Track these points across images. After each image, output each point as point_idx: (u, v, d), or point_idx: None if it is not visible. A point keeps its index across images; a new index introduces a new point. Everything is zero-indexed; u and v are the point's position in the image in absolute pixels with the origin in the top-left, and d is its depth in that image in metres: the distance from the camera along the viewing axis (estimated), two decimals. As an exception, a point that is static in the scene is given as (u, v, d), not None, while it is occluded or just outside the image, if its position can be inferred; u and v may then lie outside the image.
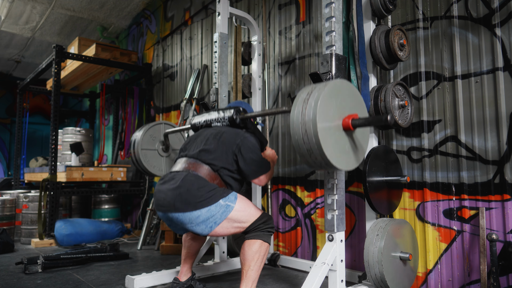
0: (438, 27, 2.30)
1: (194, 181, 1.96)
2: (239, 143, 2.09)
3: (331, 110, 1.61)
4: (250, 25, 3.27)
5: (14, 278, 2.78)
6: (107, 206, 5.10)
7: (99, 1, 5.43)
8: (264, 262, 2.02)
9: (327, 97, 1.58)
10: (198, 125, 2.39)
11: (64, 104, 9.13)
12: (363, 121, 1.64)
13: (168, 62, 5.07)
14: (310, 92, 1.61)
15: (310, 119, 1.54)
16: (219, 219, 1.94)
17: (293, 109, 1.62)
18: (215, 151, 2.08)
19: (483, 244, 1.99)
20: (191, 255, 2.35)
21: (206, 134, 2.21)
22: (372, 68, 2.28)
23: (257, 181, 2.15)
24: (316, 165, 1.62)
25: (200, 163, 2.06)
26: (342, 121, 1.66)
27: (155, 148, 2.79)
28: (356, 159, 1.74)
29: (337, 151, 1.62)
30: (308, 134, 1.55)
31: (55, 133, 4.40)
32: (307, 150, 1.58)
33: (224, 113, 2.26)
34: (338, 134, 1.64)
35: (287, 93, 3.26)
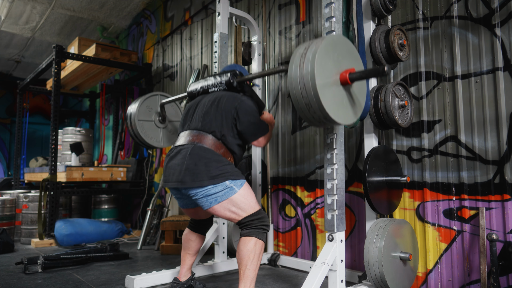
0: (438, 27, 2.30)
1: (201, 155, 1.99)
2: (237, 106, 2.10)
3: (329, 64, 1.61)
4: (250, 25, 3.27)
5: (14, 278, 2.78)
6: (107, 206, 5.10)
7: (99, 1, 5.43)
8: (261, 260, 2.01)
9: (324, 51, 1.58)
10: (195, 92, 2.37)
11: (64, 104, 9.14)
12: (360, 74, 1.65)
13: (168, 62, 5.07)
14: (307, 46, 1.61)
15: (308, 73, 1.54)
16: (221, 198, 1.97)
17: (291, 64, 1.62)
18: (215, 118, 2.09)
19: (483, 244, 1.99)
20: (191, 255, 2.35)
21: (204, 102, 2.21)
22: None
23: (256, 143, 2.18)
24: (315, 120, 1.64)
25: (204, 133, 2.08)
26: (339, 75, 1.66)
27: (152, 119, 2.76)
28: (354, 114, 1.75)
29: (336, 105, 1.63)
30: (307, 88, 1.55)
31: (55, 133, 4.40)
32: (306, 104, 1.59)
33: (220, 77, 2.24)
34: (336, 88, 1.65)
35: (287, 93, 3.26)
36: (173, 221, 3.59)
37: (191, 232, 2.36)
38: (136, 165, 5.28)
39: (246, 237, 1.98)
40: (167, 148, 4.86)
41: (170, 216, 4.00)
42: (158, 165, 5.02)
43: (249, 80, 2.23)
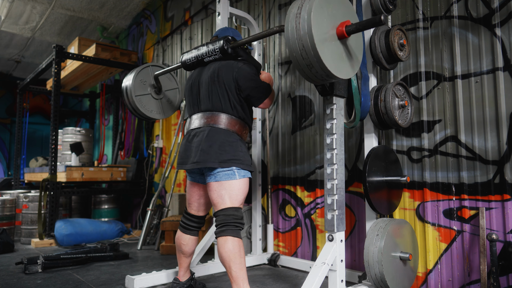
0: (438, 27, 2.30)
1: (216, 138, 2.07)
2: (235, 75, 2.12)
3: (324, 20, 1.60)
4: (250, 25, 3.27)
5: (14, 278, 2.78)
6: (107, 206, 5.10)
7: (99, 1, 5.43)
8: (244, 256, 1.98)
9: (318, 7, 1.57)
10: (189, 62, 2.35)
11: (64, 104, 9.14)
12: (356, 26, 1.65)
13: (168, 62, 5.07)
14: (300, 5, 1.60)
15: (305, 33, 1.54)
16: (220, 178, 2.05)
17: (286, 26, 1.62)
18: (222, 95, 2.13)
19: (483, 244, 1.99)
20: (185, 257, 2.32)
21: (204, 79, 2.21)
22: (372, 68, 2.28)
23: (262, 106, 2.21)
24: (317, 78, 1.65)
25: (216, 113, 2.13)
26: (336, 29, 1.66)
27: (148, 92, 2.73)
28: (352, 68, 1.76)
29: (335, 61, 1.63)
30: (306, 49, 1.55)
31: (55, 133, 4.40)
32: (307, 65, 1.59)
33: (213, 45, 2.21)
34: (334, 43, 1.65)
35: (287, 93, 3.26)
36: (173, 221, 3.59)
37: (183, 234, 2.32)
38: (136, 165, 5.28)
39: (221, 237, 2.00)
40: (167, 147, 4.86)
41: (170, 216, 4.00)
42: (158, 165, 5.02)
43: (242, 44, 2.20)
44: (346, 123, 2.21)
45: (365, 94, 2.15)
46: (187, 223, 2.32)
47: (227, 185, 2.05)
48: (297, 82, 3.18)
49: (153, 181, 5.09)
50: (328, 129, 2.00)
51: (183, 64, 2.38)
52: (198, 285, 2.39)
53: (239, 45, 2.19)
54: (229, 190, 2.05)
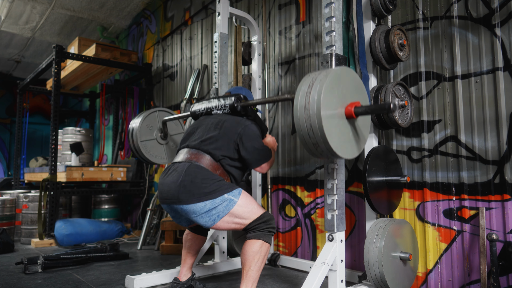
0: (438, 27, 2.30)
1: (197, 172, 1.97)
2: (241, 131, 2.09)
3: (334, 100, 1.61)
4: (250, 25, 3.27)
5: (14, 278, 2.78)
6: (107, 206, 5.10)
7: (99, 1, 5.43)
8: (265, 263, 2.01)
9: (329, 88, 1.57)
10: (198, 112, 2.36)
11: (64, 104, 9.13)
12: (365, 109, 1.65)
13: (168, 62, 5.07)
14: (311, 84, 1.60)
15: (314, 114, 1.54)
16: (222, 213, 1.95)
17: (296, 102, 1.62)
18: (216, 140, 2.08)
19: (483, 244, 1.99)
20: (191, 255, 2.35)
21: (207, 123, 2.20)
22: (372, 68, 2.28)
23: (259, 169, 2.15)
24: (323, 156, 1.65)
25: (202, 153, 2.06)
26: (344, 109, 1.66)
27: (154, 137, 2.73)
28: (358, 147, 1.76)
29: (342, 141, 1.64)
30: (314, 129, 1.56)
31: (55, 133, 4.40)
32: (313, 144, 1.59)
33: (224, 100, 2.23)
34: (342, 124, 1.65)
35: (287, 93, 3.26)
36: (173, 221, 3.59)
37: (191, 233, 2.36)
38: (136, 165, 5.28)
39: (252, 239, 1.99)
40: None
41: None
42: (158, 165, 5.02)
43: (253, 105, 2.21)
44: (346, 123, 2.20)
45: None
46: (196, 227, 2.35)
47: (234, 214, 1.97)
48: (297, 82, 3.18)
49: (153, 181, 5.09)
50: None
51: (192, 114, 2.40)
52: (198, 285, 2.39)
53: (249, 105, 2.20)
54: (240, 215, 1.98)
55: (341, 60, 1.99)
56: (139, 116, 2.72)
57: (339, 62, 1.98)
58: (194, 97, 4.25)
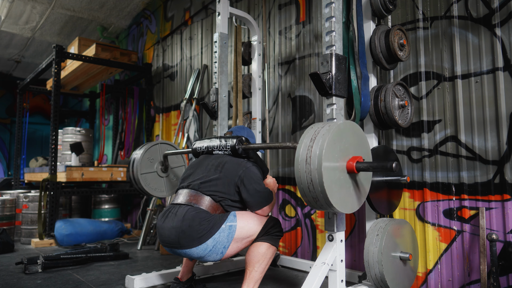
0: (438, 27, 2.30)
1: (195, 216, 1.96)
2: (242, 174, 2.07)
3: (336, 155, 1.60)
4: (250, 25, 3.27)
5: (14, 278, 2.78)
6: (107, 206, 5.10)
7: (99, 1, 5.43)
8: (269, 265, 2.02)
9: (331, 143, 1.57)
10: (199, 150, 2.36)
11: (64, 104, 9.13)
12: (367, 165, 1.63)
13: (168, 62, 5.07)
14: (313, 137, 1.60)
15: (315, 169, 1.54)
16: (227, 242, 1.96)
17: (297, 155, 1.62)
18: (216, 182, 2.07)
19: (483, 244, 1.99)
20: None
21: (207, 163, 2.19)
22: (372, 68, 2.28)
23: (260, 212, 2.11)
24: (322, 209, 1.65)
25: (201, 194, 2.05)
26: (346, 164, 1.65)
27: (154, 170, 2.74)
28: (359, 202, 1.75)
29: (342, 196, 1.63)
30: (314, 184, 1.56)
31: (55, 133, 4.40)
32: (313, 198, 1.60)
33: (226, 141, 2.23)
34: (343, 178, 1.64)
35: (287, 93, 3.26)
36: (173, 221, 3.59)
37: None
38: (136, 165, 5.27)
39: (259, 241, 2.01)
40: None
41: (170, 216, 3.99)
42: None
43: (254, 149, 2.21)
44: (346, 124, 2.20)
45: (365, 94, 2.15)
46: None
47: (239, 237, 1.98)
48: (297, 82, 3.18)
49: (153, 181, 5.08)
50: (328, 130, 2.00)
51: (193, 151, 2.41)
52: (198, 285, 2.39)
53: (250, 149, 2.20)
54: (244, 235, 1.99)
55: (341, 60, 1.99)
56: (141, 148, 2.73)
57: (339, 62, 1.98)
58: (194, 97, 4.25)
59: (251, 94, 3.26)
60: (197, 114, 4.28)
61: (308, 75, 2.89)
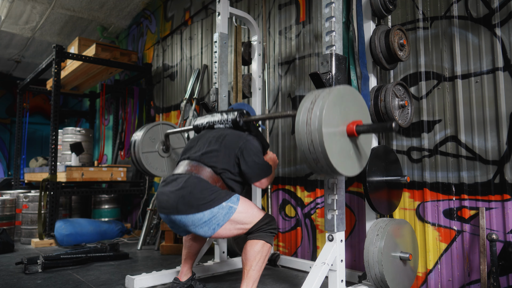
0: (438, 27, 2.30)
1: (196, 184, 1.96)
2: (242, 146, 2.08)
3: (336, 117, 1.61)
4: (250, 25, 3.27)
5: (14, 278, 2.78)
6: (107, 206, 5.10)
7: (99, 1, 5.43)
8: (266, 263, 2.02)
9: (331, 105, 1.57)
10: (200, 126, 2.38)
11: (64, 104, 9.13)
12: (367, 128, 1.64)
13: (168, 62, 5.07)
14: (313, 100, 1.60)
15: (315, 129, 1.54)
16: (222, 221, 1.95)
17: (297, 118, 1.62)
18: (217, 153, 2.07)
19: (483, 244, 1.99)
20: (191, 255, 2.35)
21: (208, 136, 2.21)
22: (372, 68, 2.28)
23: (258, 184, 2.13)
24: (323, 172, 1.64)
25: (202, 165, 2.06)
26: (346, 127, 1.66)
27: (155, 149, 2.76)
28: (360, 165, 1.75)
29: (342, 158, 1.63)
30: (314, 144, 1.55)
31: (55, 133, 4.40)
32: (314, 159, 1.59)
33: (227, 115, 2.25)
34: (343, 141, 1.65)
35: (287, 93, 3.26)
36: (173, 221, 3.59)
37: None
38: (136, 165, 5.28)
39: (253, 239, 2.00)
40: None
41: (170, 216, 3.99)
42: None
43: (255, 121, 2.22)
44: (346, 123, 2.20)
45: (365, 94, 2.15)
46: None
47: (235, 220, 1.97)
48: (297, 82, 3.18)
49: (153, 181, 5.09)
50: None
51: (194, 128, 2.41)
52: (198, 285, 2.39)
53: (251, 121, 2.21)
54: (241, 221, 1.98)
55: (341, 60, 1.99)
56: (141, 129, 2.74)
57: (339, 62, 1.98)
58: (194, 97, 4.25)
59: (251, 94, 3.26)
60: (197, 114, 4.28)
61: (308, 75, 2.89)
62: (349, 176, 1.72)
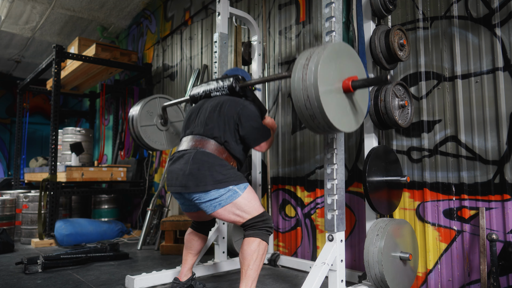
0: (438, 27, 2.30)
1: (204, 160, 2.00)
2: (239, 111, 2.10)
3: (331, 73, 1.61)
4: (250, 25, 3.27)
5: (14, 278, 2.78)
6: (107, 206, 5.10)
7: (99, 1, 5.43)
8: (263, 261, 2.01)
9: (326, 60, 1.58)
10: (197, 96, 2.37)
11: (64, 104, 9.14)
12: (362, 82, 1.66)
13: (168, 62, 5.07)
14: (309, 56, 1.61)
15: (311, 84, 1.55)
16: (224, 202, 1.98)
17: (293, 75, 1.62)
18: (218, 124, 2.10)
19: (483, 244, 1.99)
20: (192, 255, 2.35)
21: (206, 107, 2.21)
22: (372, 68, 2.28)
23: (258, 148, 2.18)
24: (319, 129, 1.65)
25: (206, 138, 2.09)
26: (342, 83, 1.67)
27: (154, 123, 2.74)
28: (356, 121, 1.76)
29: (339, 114, 1.64)
30: (311, 100, 1.56)
31: (55, 133, 4.40)
32: (310, 115, 1.60)
33: (223, 82, 2.24)
34: (339, 97, 1.66)
35: (287, 93, 3.26)
36: (173, 221, 3.59)
37: (193, 232, 2.37)
38: (136, 165, 5.28)
39: (250, 237, 1.99)
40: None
41: (170, 216, 4.00)
42: (158, 165, 5.02)
43: (251, 85, 2.22)
44: (346, 123, 2.21)
45: (365, 94, 2.15)
46: (198, 226, 2.37)
47: (236, 205, 2.00)
48: (297, 82, 3.18)
49: (153, 181, 5.09)
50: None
51: (191, 98, 2.41)
52: (198, 285, 2.39)
53: (247, 86, 2.21)
54: (241, 207, 2.00)
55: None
56: (138, 103, 2.72)
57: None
58: (194, 97, 4.25)
59: (251, 94, 3.26)
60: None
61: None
62: (346, 132, 1.71)
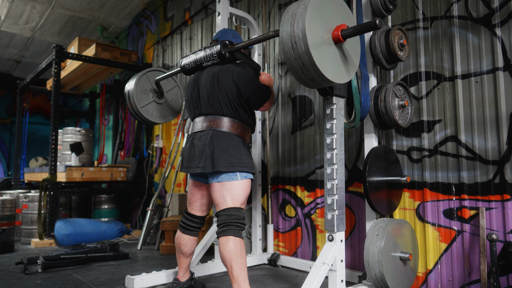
0: (438, 27, 2.30)
1: (220, 142, 2.08)
2: (235, 80, 2.12)
3: (319, 24, 1.60)
4: (250, 25, 3.27)
5: (14, 278, 2.78)
6: (107, 206, 5.10)
7: (99, 1, 5.43)
8: (245, 256, 2.00)
9: (313, 11, 1.57)
10: (188, 67, 2.35)
11: (64, 104, 9.14)
12: (352, 30, 1.64)
13: (168, 62, 5.07)
14: (295, 9, 1.60)
15: (300, 38, 1.54)
16: (222, 179, 2.07)
17: (281, 30, 1.62)
18: (223, 100, 2.13)
19: (483, 244, 1.99)
20: (185, 257, 2.32)
21: (204, 83, 2.21)
22: (372, 68, 2.28)
23: (262, 108, 2.24)
24: (311, 81, 1.65)
25: (218, 117, 2.14)
26: (331, 34, 1.66)
27: (151, 99, 2.71)
28: (348, 72, 1.76)
29: (330, 64, 1.63)
30: (301, 53, 1.56)
31: (55, 133, 4.40)
32: (302, 69, 1.60)
33: (210, 50, 2.21)
34: (329, 47, 1.65)
35: (287, 93, 3.26)
36: (173, 221, 3.59)
37: (182, 235, 2.32)
38: (136, 165, 5.28)
39: (222, 237, 2.01)
40: (167, 147, 4.86)
41: (170, 216, 4.00)
42: (158, 165, 5.02)
43: (239, 49, 2.19)
44: (346, 123, 2.21)
45: (365, 94, 2.15)
46: (187, 223, 2.32)
47: (229, 185, 2.06)
48: (297, 82, 3.18)
49: (153, 181, 5.09)
50: (328, 129, 2.00)
51: (182, 69, 2.39)
52: (198, 285, 2.39)
53: (236, 50, 2.18)
54: (231, 191, 2.06)
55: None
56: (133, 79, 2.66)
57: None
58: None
59: (251, 94, 3.25)
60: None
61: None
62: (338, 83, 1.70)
